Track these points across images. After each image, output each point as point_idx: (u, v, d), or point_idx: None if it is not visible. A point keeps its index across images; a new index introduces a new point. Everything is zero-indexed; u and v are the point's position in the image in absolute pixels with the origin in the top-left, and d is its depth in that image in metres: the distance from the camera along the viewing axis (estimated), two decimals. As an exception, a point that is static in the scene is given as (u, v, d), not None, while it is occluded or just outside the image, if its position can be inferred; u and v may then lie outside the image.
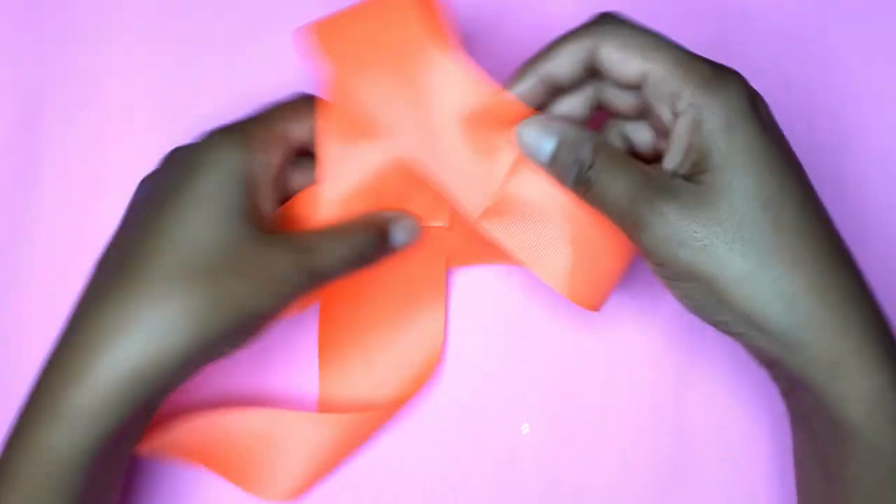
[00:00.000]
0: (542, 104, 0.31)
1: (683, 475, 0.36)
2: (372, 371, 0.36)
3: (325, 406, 0.36)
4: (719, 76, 0.28)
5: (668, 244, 0.28)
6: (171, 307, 0.28)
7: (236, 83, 0.39)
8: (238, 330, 0.29)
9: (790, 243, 0.27)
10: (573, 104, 0.32)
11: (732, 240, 0.27)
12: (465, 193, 0.32)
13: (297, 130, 0.32)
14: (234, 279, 0.28)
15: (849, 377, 0.27)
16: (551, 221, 0.32)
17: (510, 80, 0.31)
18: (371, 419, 0.35)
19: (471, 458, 0.37)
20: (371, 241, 0.32)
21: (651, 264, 0.29)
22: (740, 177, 0.27)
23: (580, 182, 0.30)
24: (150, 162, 0.37)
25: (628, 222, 0.29)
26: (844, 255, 0.28)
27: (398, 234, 0.33)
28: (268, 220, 0.31)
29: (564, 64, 0.30)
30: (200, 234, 0.28)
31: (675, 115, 0.29)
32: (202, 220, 0.29)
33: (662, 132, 0.30)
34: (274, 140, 0.31)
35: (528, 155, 0.31)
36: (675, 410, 0.37)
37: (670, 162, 0.29)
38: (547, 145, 0.30)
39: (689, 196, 0.28)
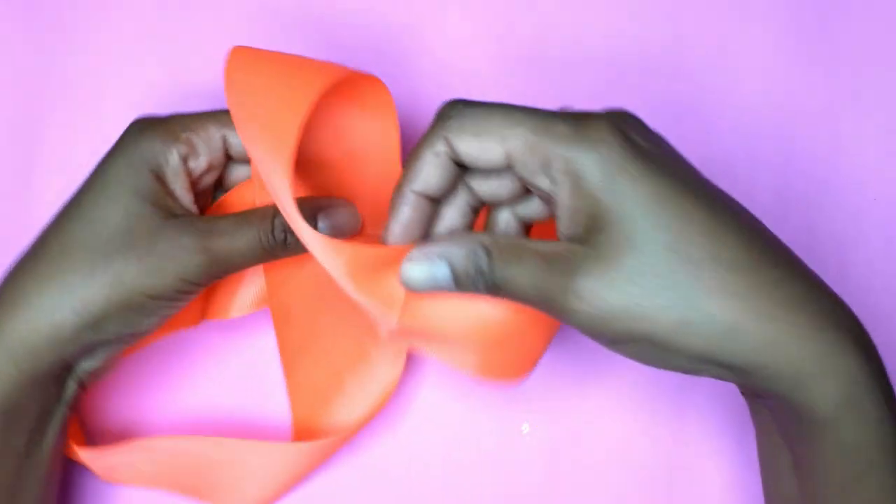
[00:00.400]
0: (430, 217, 0.30)
1: (682, 476, 0.36)
2: (342, 393, 0.35)
3: (299, 431, 0.36)
4: (580, 130, 0.26)
5: (594, 319, 0.27)
6: (62, 284, 0.29)
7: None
8: (133, 310, 0.30)
9: (710, 276, 0.26)
10: (453, 217, 0.30)
11: (651, 293, 0.26)
12: (372, 313, 0.30)
13: (236, 136, 0.32)
14: (128, 260, 0.29)
15: (810, 383, 0.26)
16: (456, 329, 0.30)
17: (390, 208, 0.29)
18: (339, 440, 0.35)
19: (471, 458, 0.37)
20: (284, 227, 0.31)
21: (590, 337, 0.28)
22: (635, 228, 0.26)
23: (489, 289, 0.28)
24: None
25: (549, 310, 0.27)
26: (773, 257, 0.27)
27: (322, 223, 0.31)
28: (178, 208, 0.31)
29: (429, 177, 0.28)
30: (102, 216, 0.30)
31: (554, 183, 0.27)
32: (105, 202, 0.30)
33: (550, 202, 0.28)
34: (205, 138, 0.31)
35: (426, 291, 0.28)
36: (674, 412, 0.36)
37: (564, 231, 0.27)
38: (441, 273, 0.28)
39: (595, 264, 0.26)
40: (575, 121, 0.27)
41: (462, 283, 0.28)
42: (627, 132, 0.27)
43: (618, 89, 0.38)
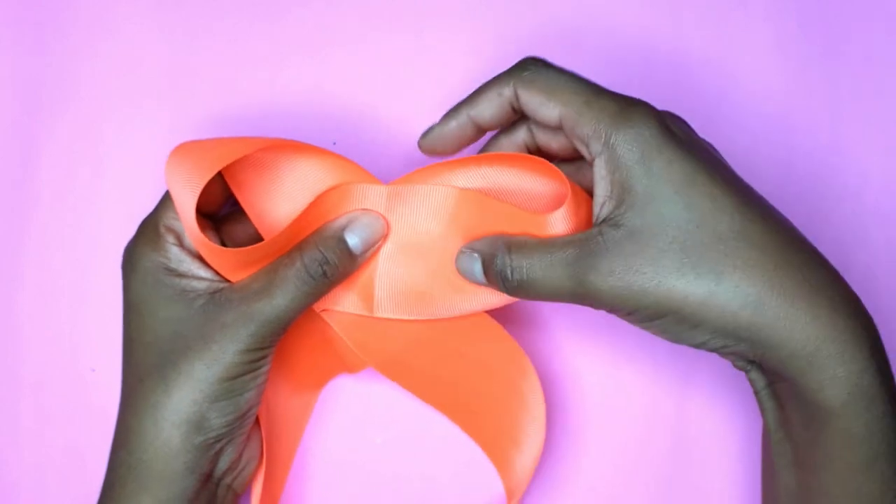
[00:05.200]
0: (471, 139, 0.33)
1: (683, 478, 0.36)
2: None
3: None
4: (626, 110, 0.29)
5: (626, 296, 0.28)
6: (153, 406, 0.30)
7: (236, 80, 0.39)
8: (219, 398, 0.30)
9: (737, 250, 0.28)
10: (507, 147, 0.33)
11: (681, 266, 0.28)
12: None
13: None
14: (189, 358, 0.30)
15: (825, 366, 0.27)
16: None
17: (440, 120, 0.32)
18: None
19: (471, 458, 0.37)
20: (319, 260, 0.31)
21: (621, 316, 0.30)
22: (668, 204, 0.28)
23: (512, 289, 0.30)
24: (149, 160, 0.38)
25: (582, 299, 0.29)
26: (798, 243, 0.28)
27: (352, 240, 0.32)
28: (207, 284, 0.31)
29: (486, 109, 0.31)
30: (153, 336, 0.31)
31: (595, 153, 0.29)
32: (150, 321, 0.31)
33: (590, 170, 0.30)
34: (168, 227, 0.32)
35: (471, 280, 0.32)
36: (675, 413, 0.36)
37: (598, 201, 0.29)
38: (476, 266, 0.31)
39: (625, 241, 0.28)
40: (623, 101, 0.29)
41: (489, 277, 0.31)
42: (667, 120, 0.29)
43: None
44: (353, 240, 0.32)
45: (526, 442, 0.35)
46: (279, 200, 0.32)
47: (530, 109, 0.30)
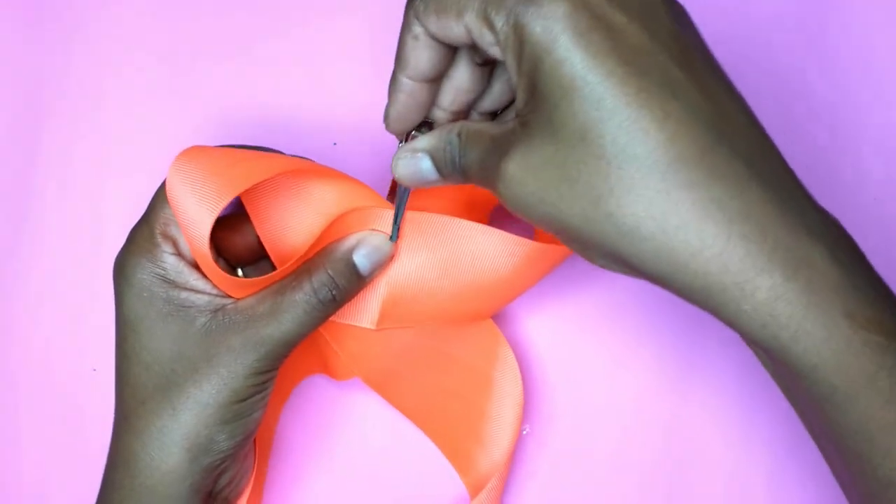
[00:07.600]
0: (428, 99, 0.29)
1: (681, 476, 0.36)
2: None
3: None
4: None
5: (517, 204, 0.25)
6: (159, 431, 0.29)
7: (236, 84, 0.39)
8: (229, 420, 0.29)
9: (618, 173, 0.23)
10: (461, 80, 0.29)
11: (560, 184, 0.24)
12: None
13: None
14: (196, 382, 0.29)
15: (728, 299, 0.23)
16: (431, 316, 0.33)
17: (388, 97, 0.29)
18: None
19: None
20: (328, 285, 0.30)
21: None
22: (556, 110, 0.24)
23: (462, 175, 0.28)
24: (149, 159, 0.38)
25: (492, 191, 0.26)
26: (725, 166, 0.23)
27: (360, 262, 0.31)
28: (206, 300, 0.30)
29: (417, 61, 0.27)
30: (153, 356, 0.29)
31: (503, 47, 0.24)
32: (148, 340, 0.29)
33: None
34: (164, 234, 0.30)
35: (417, 184, 0.29)
36: (674, 412, 0.36)
37: (516, 104, 0.25)
38: (425, 166, 0.28)
39: (520, 147, 0.25)
40: None
41: (443, 172, 0.28)
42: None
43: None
44: (362, 262, 0.30)
45: (492, 442, 0.34)
46: (291, 220, 0.31)
47: (441, 37, 0.26)
